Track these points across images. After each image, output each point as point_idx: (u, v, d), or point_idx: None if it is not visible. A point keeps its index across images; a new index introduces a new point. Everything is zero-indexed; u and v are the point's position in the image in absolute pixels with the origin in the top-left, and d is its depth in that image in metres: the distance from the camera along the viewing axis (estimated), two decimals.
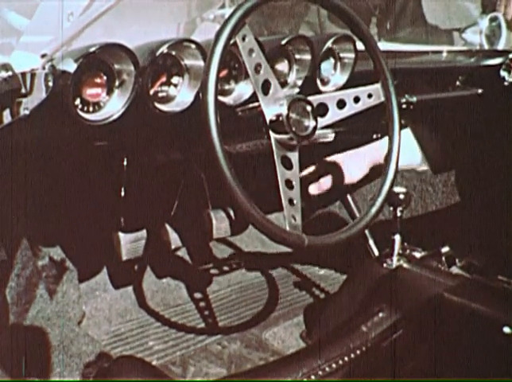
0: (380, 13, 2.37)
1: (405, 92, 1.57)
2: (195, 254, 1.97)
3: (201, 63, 1.11)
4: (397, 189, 1.33)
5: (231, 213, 1.54)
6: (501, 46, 1.89)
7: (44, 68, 1.00)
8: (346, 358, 1.14)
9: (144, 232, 1.50)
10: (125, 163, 1.36)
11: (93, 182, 1.53)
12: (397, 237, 1.37)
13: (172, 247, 1.58)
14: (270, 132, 1.01)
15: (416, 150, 1.51)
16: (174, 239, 1.57)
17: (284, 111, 1.00)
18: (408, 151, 1.39)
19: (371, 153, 1.44)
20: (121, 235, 1.46)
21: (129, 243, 1.47)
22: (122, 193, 1.43)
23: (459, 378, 1.13)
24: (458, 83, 1.69)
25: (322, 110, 1.07)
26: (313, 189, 1.43)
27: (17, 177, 1.22)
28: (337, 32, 1.38)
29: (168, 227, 1.57)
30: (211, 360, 1.53)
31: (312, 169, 1.47)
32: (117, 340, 1.62)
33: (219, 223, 1.53)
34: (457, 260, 1.36)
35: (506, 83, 1.56)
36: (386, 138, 1.16)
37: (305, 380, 1.08)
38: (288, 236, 0.96)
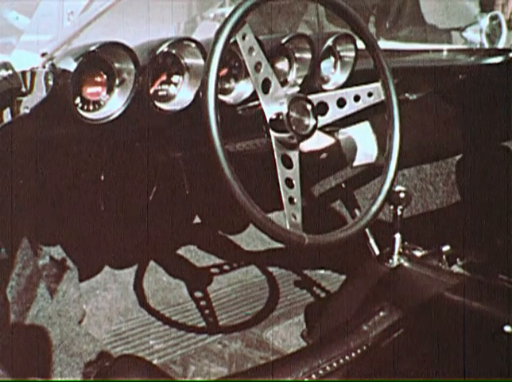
0: (378, 13, 2.37)
1: (405, 91, 1.56)
2: (196, 253, 1.97)
3: (201, 61, 1.11)
4: (397, 188, 1.33)
5: None
6: (501, 45, 1.89)
7: (44, 67, 1.00)
8: (346, 357, 1.14)
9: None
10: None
11: (93, 181, 1.53)
12: (398, 236, 1.37)
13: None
14: (270, 131, 1.01)
15: (372, 145, 1.46)
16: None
17: (284, 109, 1.00)
18: (365, 146, 1.34)
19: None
20: None
21: None
22: (102, 177, 1.43)
23: (459, 378, 1.13)
24: (458, 81, 1.69)
25: (322, 108, 1.07)
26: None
27: (17, 176, 1.22)
28: (337, 31, 1.38)
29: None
30: (212, 360, 1.53)
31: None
32: (118, 339, 1.62)
33: None
34: (458, 259, 1.36)
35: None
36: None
37: (306, 379, 1.08)
38: (289, 235, 0.96)
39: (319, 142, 1.33)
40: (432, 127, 1.64)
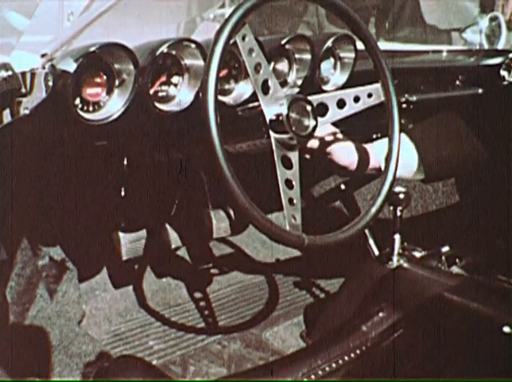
0: (378, 13, 2.37)
1: (405, 92, 1.57)
2: (196, 254, 1.97)
3: (201, 62, 1.11)
4: (397, 189, 1.33)
5: (231, 213, 1.54)
6: (501, 46, 1.90)
7: (44, 68, 1.00)
8: (346, 358, 1.14)
9: (144, 232, 1.50)
10: (125, 162, 1.36)
11: (93, 182, 1.53)
12: (397, 237, 1.37)
13: (173, 246, 1.59)
14: (270, 132, 1.01)
15: (412, 157, 1.37)
16: (174, 238, 1.58)
17: (284, 110, 1.00)
18: (403, 158, 1.20)
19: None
20: (121, 234, 1.47)
21: (130, 243, 1.47)
22: (123, 193, 1.43)
23: (459, 378, 1.13)
24: (458, 82, 1.69)
25: (322, 109, 1.07)
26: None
27: (17, 177, 1.21)
28: (337, 31, 1.38)
29: (168, 226, 1.57)
30: (211, 360, 1.53)
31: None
32: (117, 339, 1.62)
33: (219, 222, 1.53)
34: (457, 260, 1.36)
35: (505, 83, 1.56)
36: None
37: (305, 379, 1.08)
38: (288, 236, 0.96)
39: (352, 153, 1.29)
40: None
